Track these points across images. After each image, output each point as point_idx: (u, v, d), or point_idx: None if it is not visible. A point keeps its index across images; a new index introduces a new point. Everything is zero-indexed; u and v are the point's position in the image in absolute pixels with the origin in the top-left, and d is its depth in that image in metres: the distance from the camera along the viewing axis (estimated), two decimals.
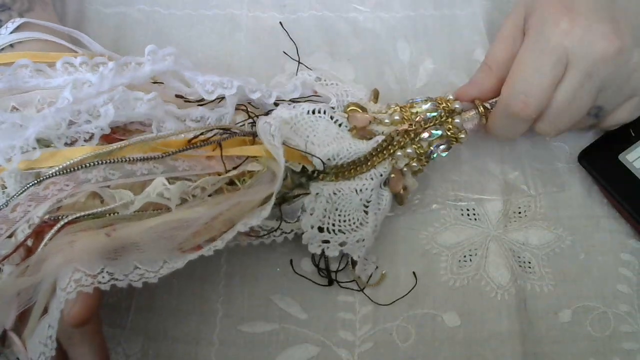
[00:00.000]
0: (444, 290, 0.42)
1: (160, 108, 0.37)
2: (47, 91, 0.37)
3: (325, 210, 0.39)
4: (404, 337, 0.40)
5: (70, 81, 0.36)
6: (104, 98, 0.35)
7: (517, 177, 0.45)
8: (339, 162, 0.39)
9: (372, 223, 0.39)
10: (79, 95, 0.35)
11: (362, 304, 0.41)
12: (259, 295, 0.41)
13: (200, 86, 0.39)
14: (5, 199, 0.33)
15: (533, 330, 0.41)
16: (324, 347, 0.40)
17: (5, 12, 0.41)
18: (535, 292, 0.42)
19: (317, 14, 0.50)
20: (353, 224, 0.39)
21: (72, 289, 0.30)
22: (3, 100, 0.36)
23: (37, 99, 0.37)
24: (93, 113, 0.35)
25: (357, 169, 0.39)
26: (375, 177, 0.40)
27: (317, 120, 0.40)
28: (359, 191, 0.39)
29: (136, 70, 0.37)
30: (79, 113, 0.35)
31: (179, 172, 0.35)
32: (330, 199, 0.39)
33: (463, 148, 0.46)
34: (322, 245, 0.39)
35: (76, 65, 0.38)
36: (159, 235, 0.32)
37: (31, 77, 0.37)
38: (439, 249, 0.43)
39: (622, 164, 0.44)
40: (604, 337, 0.41)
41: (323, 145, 0.39)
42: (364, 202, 0.39)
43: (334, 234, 0.39)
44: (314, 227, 0.39)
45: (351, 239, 0.39)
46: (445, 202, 0.44)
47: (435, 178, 0.45)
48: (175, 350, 0.39)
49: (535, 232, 0.44)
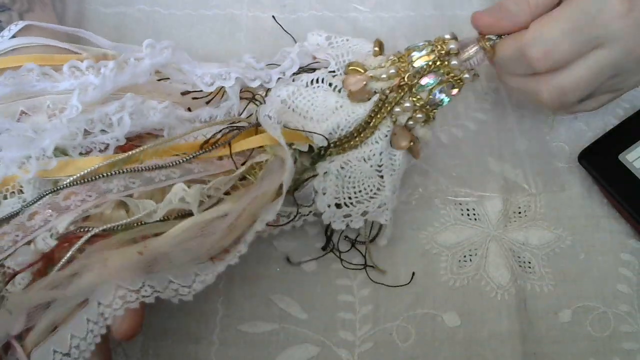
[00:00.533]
0: (444, 290, 0.42)
1: (172, 115, 0.37)
2: (56, 96, 0.37)
3: (337, 186, 0.38)
4: (404, 337, 0.40)
5: (77, 85, 0.36)
6: (115, 106, 0.35)
7: (517, 175, 0.45)
8: (342, 133, 0.38)
9: (390, 185, 0.39)
10: (85, 100, 0.35)
11: (362, 304, 0.41)
12: (259, 295, 0.41)
13: (198, 79, 0.39)
14: (21, 204, 0.33)
15: (533, 330, 0.41)
16: (324, 347, 0.40)
17: (5, 13, 0.41)
18: (535, 292, 0.42)
19: (317, 14, 0.50)
20: (370, 191, 0.39)
21: (118, 305, 0.30)
22: (11, 104, 0.36)
23: (47, 104, 0.37)
24: (106, 122, 0.35)
25: (361, 134, 0.38)
26: (380, 139, 0.38)
27: (315, 92, 0.39)
28: (367, 159, 0.38)
29: (136, 67, 0.37)
30: (92, 122, 0.35)
31: (195, 175, 0.35)
32: (340, 174, 0.38)
33: (464, 145, 0.46)
34: (345, 220, 0.39)
35: (82, 69, 0.38)
36: (188, 242, 0.32)
37: (38, 81, 0.37)
38: (439, 249, 0.43)
39: (622, 164, 0.44)
40: (604, 337, 0.41)
41: (322, 120, 0.38)
42: (375, 167, 0.39)
43: (353, 207, 0.39)
44: (330, 206, 0.38)
45: (372, 207, 0.39)
46: (446, 199, 0.44)
47: (436, 175, 0.45)
48: (175, 350, 0.39)
49: (535, 232, 0.44)
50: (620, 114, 0.48)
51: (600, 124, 0.47)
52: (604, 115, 0.48)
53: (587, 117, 0.48)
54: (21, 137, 0.34)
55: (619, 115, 0.48)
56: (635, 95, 0.48)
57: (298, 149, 0.38)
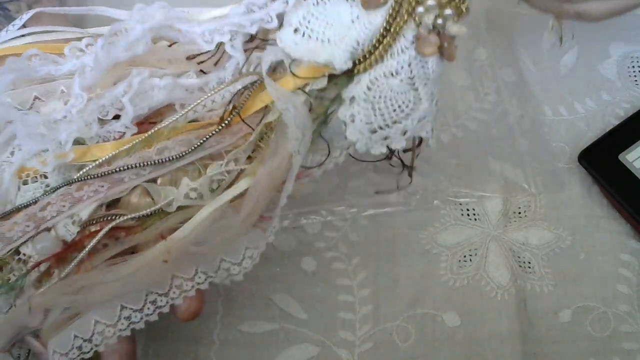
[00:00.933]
0: (444, 290, 0.42)
1: (178, 89, 0.35)
2: (68, 80, 0.35)
3: (367, 109, 0.34)
4: (404, 337, 0.40)
5: (78, 67, 0.35)
6: (124, 86, 0.34)
7: (517, 175, 0.45)
8: (364, 48, 0.33)
9: (427, 96, 0.34)
10: (85, 84, 0.34)
11: (362, 304, 0.41)
12: (259, 295, 0.41)
13: (199, 37, 0.36)
14: (44, 189, 0.33)
15: (533, 330, 0.41)
16: (324, 347, 0.40)
17: (14, 3, 0.41)
18: (535, 292, 0.42)
19: None
20: (406, 107, 0.34)
21: (176, 294, 0.31)
22: (24, 90, 0.35)
23: (61, 89, 0.35)
24: (118, 105, 0.34)
25: (384, 44, 0.33)
26: (405, 48, 0.33)
27: (326, 7, 0.34)
28: (395, 73, 0.33)
29: (128, 35, 0.34)
30: (104, 108, 0.34)
31: (208, 150, 0.33)
32: (367, 96, 0.33)
33: (464, 145, 0.46)
34: (384, 142, 0.34)
35: (83, 49, 0.36)
36: (214, 225, 0.32)
37: (41, 66, 0.36)
38: (439, 249, 0.43)
39: (622, 164, 0.44)
40: (604, 337, 0.41)
41: (341, 39, 0.33)
42: (406, 81, 0.34)
43: (389, 128, 0.34)
44: (363, 133, 0.34)
45: (411, 124, 0.34)
46: (447, 199, 0.44)
47: (436, 175, 0.45)
48: (175, 350, 0.39)
49: (535, 232, 0.44)
50: (620, 114, 0.48)
51: (600, 124, 0.47)
52: (604, 115, 0.48)
53: (587, 117, 0.48)
54: (36, 133, 0.33)
55: (619, 115, 0.48)
56: (635, 95, 0.48)
57: (314, 88, 0.34)
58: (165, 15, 0.35)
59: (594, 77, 0.50)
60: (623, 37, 0.51)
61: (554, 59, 0.50)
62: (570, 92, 0.49)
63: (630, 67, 0.50)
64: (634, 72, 0.50)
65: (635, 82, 0.49)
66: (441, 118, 0.47)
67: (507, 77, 0.49)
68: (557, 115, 0.48)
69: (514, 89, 0.49)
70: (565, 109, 0.48)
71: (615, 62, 0.50)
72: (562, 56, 0.51)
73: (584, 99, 0.49)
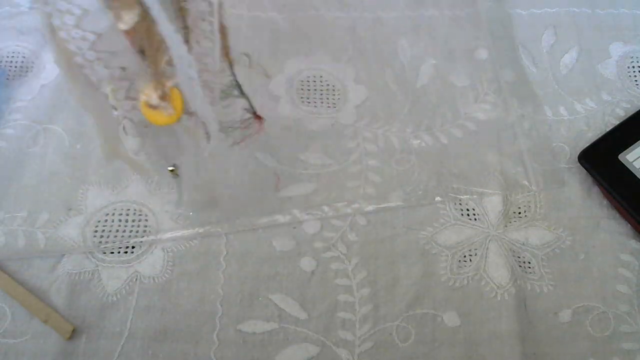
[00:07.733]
0: (444, 290, 0.42)
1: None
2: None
3: None
4: (404, 337, 0.40)
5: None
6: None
7: (517, 175, 0.46)
8: None
9: None
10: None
11: (362, 304, 0.41)
12: (259, 295, 0.41)
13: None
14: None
15: (533, 330, 0.41)
16: (324, 347, 0.40)
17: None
18: (535, 292, 0.42)
19: (317, 13, 0.50)
20: None
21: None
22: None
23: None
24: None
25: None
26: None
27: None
28: None
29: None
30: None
31: None
32: None
33: (464, 145, 0.46)
34: None
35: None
36: None
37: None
38: (439, 249, 0.43)
39: (622, 164, 0.44)
40: (604, 337, 0.41)
41: None
42: None
43: None
44: None
45: None
46: (448, 196, 0.44)
47: (436, 172, 0.45)
48: (175, 350, 0.39)
49: (535, 232, 0.44)
50: (620, 114, 0.48)
51: (600, 124, 0.47)
52: (604, 115, 0.48)
53: (587, 117, 0.48)
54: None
55: (619, 115, 0.48)
56: (635, 95, 0.49)
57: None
58: None
59: (594, 77, 0.50)
60: (623, 37, 0.51)
61: (554, 59, 0.51)
62: (570, 92, 0.49)
63: (630, 67, 0.50)
64: (634, 72, 0.50)
65: (635, 82, 0.49)
66: (441, 118, 0.47)
67: (507, 77, 0.49)
68: (557, 115, 0.48)
69: (514, 89, 0.49)
70: (565, 109, 0.48)
71: (615, 62, 0.50)
72: (562, 56, 0.51)
73: (584, 99, 0.49)
